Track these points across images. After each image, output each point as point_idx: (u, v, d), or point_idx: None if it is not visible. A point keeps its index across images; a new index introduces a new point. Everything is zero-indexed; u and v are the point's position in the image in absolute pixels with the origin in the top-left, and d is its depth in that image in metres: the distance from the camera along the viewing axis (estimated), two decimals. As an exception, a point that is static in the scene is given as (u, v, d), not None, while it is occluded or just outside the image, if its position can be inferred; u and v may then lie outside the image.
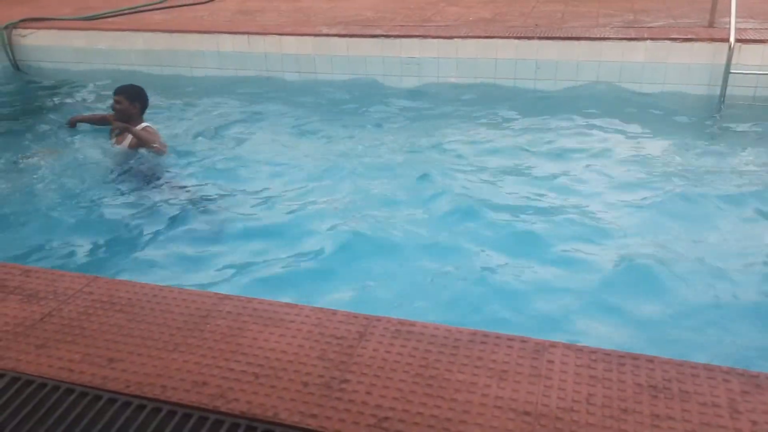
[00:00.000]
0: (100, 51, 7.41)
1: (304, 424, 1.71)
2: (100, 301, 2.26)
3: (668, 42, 5.81)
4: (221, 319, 2.16)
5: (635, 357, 1.92)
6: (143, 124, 4.82)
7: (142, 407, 1.80)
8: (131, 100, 4.75)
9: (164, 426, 1.74)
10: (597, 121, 5.45)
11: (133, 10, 8.38)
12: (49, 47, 7.64)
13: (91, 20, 7.82)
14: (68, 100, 6.66)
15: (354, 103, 6.12)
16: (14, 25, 7.67)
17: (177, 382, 1.88)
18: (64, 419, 1.76)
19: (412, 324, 2.07)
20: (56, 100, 6.74)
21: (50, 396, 1.84)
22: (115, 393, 1.85)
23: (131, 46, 7.32)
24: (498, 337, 2.00)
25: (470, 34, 6.24)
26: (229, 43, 6.96)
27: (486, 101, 5.97)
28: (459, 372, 1.86)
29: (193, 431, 1.72)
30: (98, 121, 5.27)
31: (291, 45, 6.73)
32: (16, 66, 7.69)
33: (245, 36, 6.89)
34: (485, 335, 2.01)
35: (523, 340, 2.00)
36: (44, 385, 1.88)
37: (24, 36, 7.68)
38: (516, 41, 6.08)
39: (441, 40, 6.24)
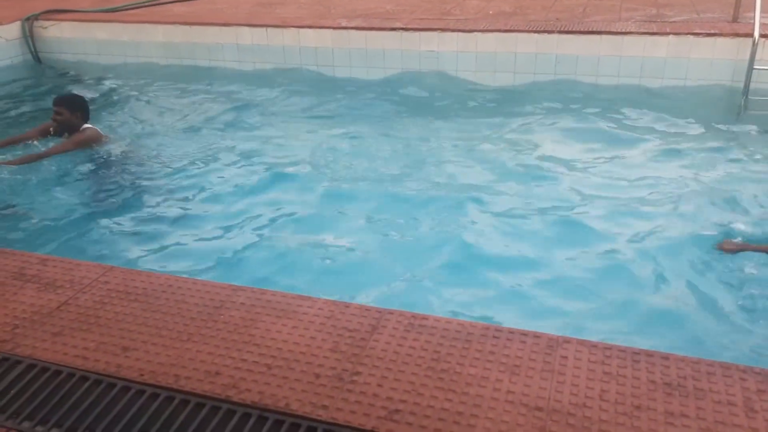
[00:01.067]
0: (121, 43, 7.46)
1: (315, 415, 1.72)
2: (115, 291, 2.28)
3: (691, 37, 5.71)
4: (235, 310, 2.17)
5: (650, 354, 1.90)
6: (85, 127, 4.72)
7: (155, 396, 1.82)
8: (72, 111, 4.65)
9: (177, 414, 1.76)
10: (618, 117, 5.39)
11: (154, 2, 8.42)
12: (70, 39, 7.70)
13: (113, 12, 7.87)
14: (89, 93, 6.72)
15: (373, 96, 6.10)
16: (36, 17, 7.74)
17: (190, 371, 1.90)
18: (78, 406, 1.79)
19: (425, 318, 2.07)
20: (77, 92, 6.79)
21: (65, 383, 1.87)
22: (129, 381, 1.87)
23: (151, 38, 7.35)
24: (511, 332, 1.99)
25: (490, 28, 6.18)
26: (248, 36, 6.96)
27: (505, 96, 5.93)
28: (471, 366, 1.85)
29: (205, 420, 1.74)
30: (35, 137, 4.86)
31: (310, 38, 6.72)
32: (37, 58, 7.76)
33: (264, 29, 6.89)
34: (498, 330, 2.00)
35: (536, 336, 1.98)
36: (59, 372, 1.91)
37: (45, 28, 7.75)
38: (536, 35, 6.01)
39: (460, 34, 6.19)
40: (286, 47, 6.82)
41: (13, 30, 7.63)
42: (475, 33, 6.16)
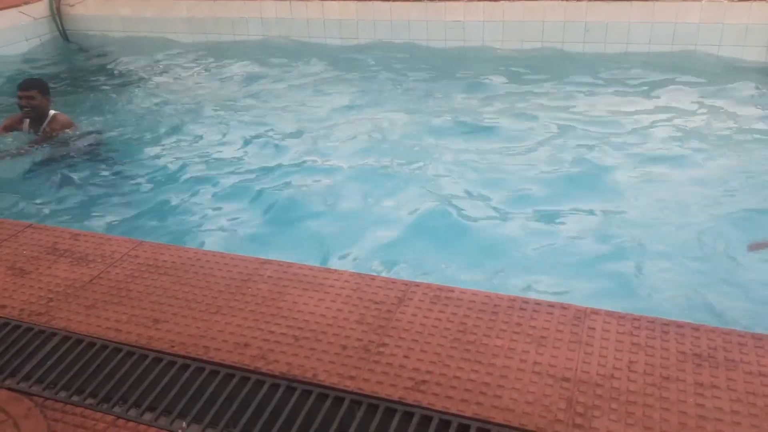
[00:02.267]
0: (145, 19, 7.50)
1: (342, 386, 1.73)
2: (145, 264, 2.32)
3: (725, 2, 5.53)
4: (262, 283, 2.20)
5: (680, 325, 1.87)
6: (52, 113, 4.47)
7: (186, 366, 1.85)
8: (43, 93, 4.37)
9: (207, 384, 1.79)
10: (648, 86, 5.26)
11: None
12: (95, 16, 7.76)
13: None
14: (115, 68, 6.78)
15: (398, 68, 6.04)
16: (62, -5, 7.81)
17: (220, 343, 1.93)
18: (112, 376, 1.83)
19: (451, 290, 2.06)
20: (104, 68, 6.87)
21: (99, 354, 1.91)
22: (161, 352, 1.91)
23: (175, 13, 7.37)
24: (538, 303, 1.98)
25: (516, -4, 6.07)
26: (272, 10, 6.94)
27: (533, 65, 5.82)
28: (497, 338, 1.85)
29: (235, 390, 1.77)
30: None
31: (334, 10, 6.67)
32: (65, 35, 7.85)
33: (288, 2, 6.86)
34: (525, 301, 1.99)
35: (564, 307, 1.97)
36: (93, 344, 1.95)
37: (72, 5, 7.82)
38: (564, 3, 5.88)
39: (487, 3, 6.09)
40: (311, 20, 6.79)
41: (41, 8, 7.71)
42: (502, 2, 6.05)
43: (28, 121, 4.42)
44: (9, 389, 1.80)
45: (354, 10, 6.59)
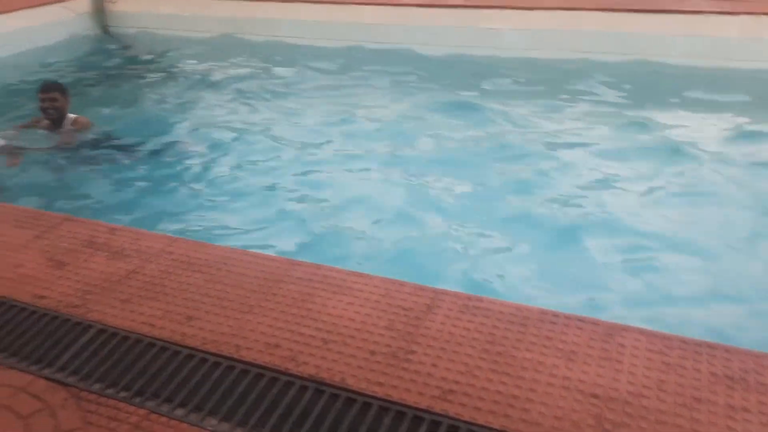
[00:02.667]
0: (183, 17, 7.61)
1: (370, 391, 1.75)
2: (179, 261, 2.36)
3: (764, 17, 5.44)
4: (292, 284, 2.22)
5: (712, 346, 1.85)
6: (72, 116, 4.56)
7: (217, 364, 1.89)
8: (64, 95, 4.47)
9: (238, 383, 1.82)
10: (685, 101, 5.19)
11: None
12: (136, 13, 7.91)
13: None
14: (152, 65, 6.91)
15: (430, 73, 6.04)
16: (106, -9, 7.99)
17: (251, 342, 1.96)
18: (145, 371, 1.87)
19: (480, 299, 2.07)
20: (141, 64, 7.00)
21: (133, 348, 1.96)
22: (193, 349, 1.94)
23: (213, 13, 7.47)
24: (568, 317, 1.97)
25: (553, 5, 6.03)
26: (308, 12, 7.00)
27: (568, 77, 5.76)
28: (526, 350, 1.85)
29: (265, 390, 1.79)
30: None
31: (368, 14, 6.71)
32: (106, 31, 8.01)
33: (324, 5, 6.92)
34: (555, 315, 1.99)
35: (595, 323, 1.96)
36: (128, 337, 2.00)
37: (114, 2, 7.98)
38: (601, 13, 5.84)
39: (522, 11, 6.07)
40: (346, 24, 6.83)
41: (84, 4, 7.88)
42: (537, 10, 6.02)
43: (47, 125, 4.53)
44: (47, 378, 1.85)
45: (388, 15, 6.62)
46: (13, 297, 2.20)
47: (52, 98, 4.38)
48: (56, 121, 4.49)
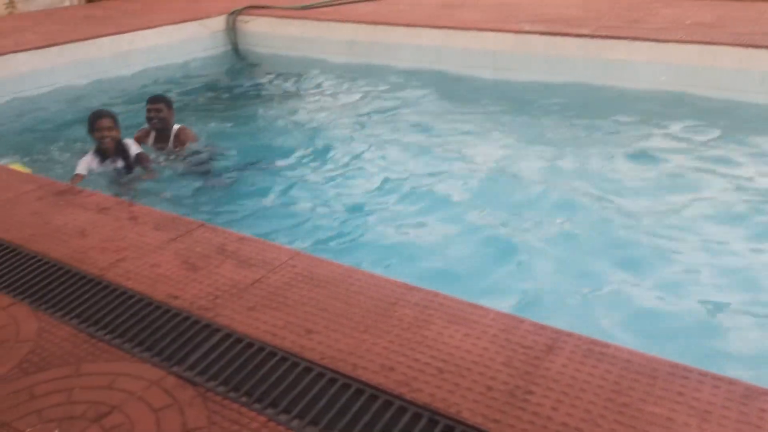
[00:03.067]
0: (309, 39, 7.93)
1: (486, 428, 1.71)
2: (301, 275, 2.43)
3: None
4: (408, 309, 2.23)
5: None
6: (177, 126, 4.82)
7: (333, 380, 1.92)
8: (169, 107, 4.74)
9: (352, 403, 1.84)
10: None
11: (341, 2, 8.85)
12: (266, 33, 8.33)
13: (305, 10, 8.40)
14: (276, 84, 7.24)
15: (551, 103, 5.93)
16: (239, 12, 8.48)
17: (366, 362, 1.98)
18: (266, 379, 1.93)
19: (606, 345, 1.98)
20: (266, 83, 7.35)
21: (256, 356, 2.03)
22: (311, 362, 1.99)
23: (337, 35, 7.74)
24: (702, 374, 1.85)
25: (687, 39, 5.77)
26: (427, 37, 7.09)
27: (700, 114, 5.45)
28: (655, 404, 1.74)
29: (378, 413, 1.80)
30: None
31: (489, 41, 6.69)
32: (236, 49, 8.50)
33: (444, 30, 6.98)
34: (687, 370, 1.87)
35: (731, 382, 1.82)
36: (252, 344, 2.07)
37: (246, 22, 8.46)
38: (741, 49, 5.51)
39: (653, 44, 5.84)
40: (465, 49, 6.85)
41: (219, 23, 8.41)
42: (670, 43, 5.78)
43: (154, 135, 4.82)
44: (177, 375, 1.95)
45: (510, 42, 6.58)
46: (150, 295, 2.35)
47: (157, 109, 4.69)
48: (160, 134, 4.78)
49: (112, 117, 4.43)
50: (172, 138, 4.78)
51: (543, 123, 5.52)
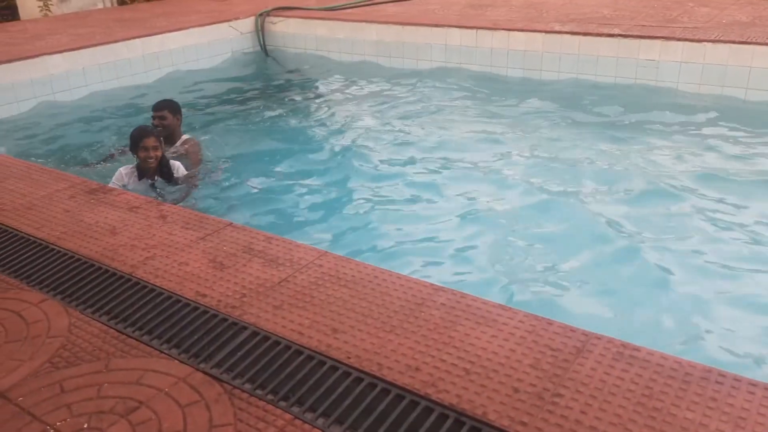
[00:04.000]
0: (337, 40, 7.96)
1: (513, 430, 1.69)
2: (328, 275, 2.43)
3: None
4: (435, 310, 2.21)
5: None
6: (184, 137, 4.69)
7: (359, 380, 1.91)
8: (174, 114, 4.59)
9: (378, 402, 1.83)
10: None
11: (370, 2, 8.86)
12: (294, 34, 8.38)
13: (333, 11, 8.43)
14: (304, 85, 7.27)
15: (584, 104, 5.85)
16: (267, 13, 8.54)
17: (392, 362, 1.97)
18: (292, 377, 1.94)
19: (637, 348, 1.94)
20: (294, 83, 7.39)
21: (282, 354, 2.03)
22: (337, 362, 1.99)
23: (365, 36, 7.75)
24: (737, 379, 1.80)
25: (722, 38, 5.64)
26: (457, 37, 7.06)
27: (733, 115, 5.34)
28: (688, 410, 1.70)
29: (404, 413, 1.79)
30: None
31: (519, 41, 6.64)
32: (265, 50, 8.56)
33: (474, 30, 6.94)
34: (722, 375, 1.82)
35: (767, 388, 1.77)
36: (278, 343, 2.08)
37: (274, 23, 8.52)
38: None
39: (687, 43, 5.73)
40: (494, 50, 6.81)
41: (248, 24, 8.48)
42: (705, 43, 5.66)
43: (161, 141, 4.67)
44: (204, 372, 1.97)
45: (540, 42, 6.51)
46: (178, 292, 2.37)
47: (161, 116, 4.56)
48: (166, 140, 4.57)
49: (158, 136, 4.18)
50: (179, 147, 4.66)
51: (575, 121, 5.45)
